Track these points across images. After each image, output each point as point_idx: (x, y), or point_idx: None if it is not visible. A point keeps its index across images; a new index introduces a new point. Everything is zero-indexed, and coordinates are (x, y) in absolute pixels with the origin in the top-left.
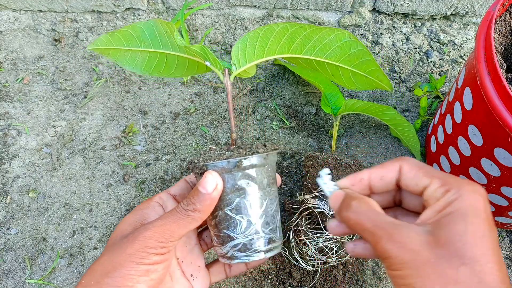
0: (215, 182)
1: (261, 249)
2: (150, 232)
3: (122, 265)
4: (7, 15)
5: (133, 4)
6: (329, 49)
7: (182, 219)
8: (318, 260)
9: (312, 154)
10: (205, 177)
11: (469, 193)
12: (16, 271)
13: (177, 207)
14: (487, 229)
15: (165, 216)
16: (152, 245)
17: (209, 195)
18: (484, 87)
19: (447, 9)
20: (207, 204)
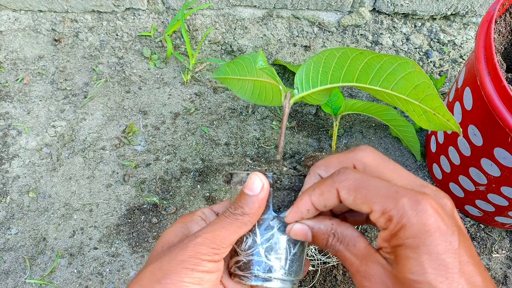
0: (261, 182)
1: (259, 275)
2: (201, 239)
3: (174, 272)
4: (7, 15)
5: (133, 4)
6: (394, 80)
7: (231, 224)
8: (318, 260)
9: (312, 154)
10: (250, 178)
11: (412, 217)
12: (16, 271)
13: (224, 213)
14: (443, 252)
15: (214, 222)
16: (204, 251)
17: (256, 197)
18: (484, 87)
19: (447, 9)
20: (255, 206)
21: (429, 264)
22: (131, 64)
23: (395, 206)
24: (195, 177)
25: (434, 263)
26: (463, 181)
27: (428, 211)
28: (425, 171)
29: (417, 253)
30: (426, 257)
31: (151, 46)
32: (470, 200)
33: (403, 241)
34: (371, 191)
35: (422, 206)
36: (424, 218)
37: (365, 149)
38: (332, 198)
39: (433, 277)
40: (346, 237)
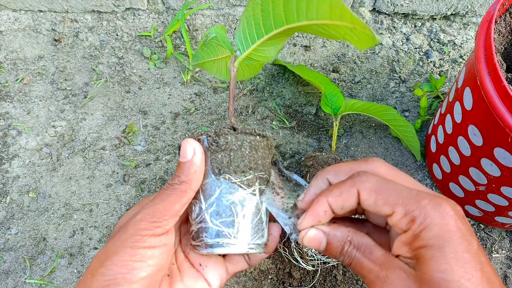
0: (192, 148)
1: (207, 242)
2: (140, 215)
3: (115, 253)
4: (7, 15)
5: (133, 4)
6: (314, 7)
7: (170, 194)
8: (318, 260)
9: (312, 154)
10: (182, 145)
11: (435, 218)
12: (16, 271)
13: (164, 186)
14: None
15: (154, 197)
16: (144, 226)
17: (189, 162)
18: (484, 87)
19: (447, 9)
20: (191, 172)
21: (456, 262)
22: (131, 64)
23: (417, 208)
24: None
25: (460, 262)
26: (463, 181)
27: (449, 212)
28: (425, 171)
29: (443, 252)
30: (453, 256)
31: (151, 46)
32: (470, 200)
33: (427, 241)
34: (393, 193)
35: (443, 208)
36: (447, 219)
37: (378, 160)
38: (351, 200)
39: (461, 275)
40: (363, 245)
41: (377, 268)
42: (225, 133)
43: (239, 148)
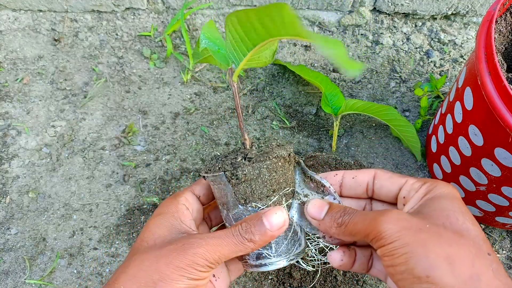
0: (284, 220)
1: (251, 263)
2: (202, 249)
3: (171, 278)
4: (7, 15)
5: (133, 4)
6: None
7: (235, 245)
8: (318, 261)
9: (312, 154)
10: (274, 211)
11: (443, 184)
12: (16, 271)
13: (234, 230)
14: (467, 209)
15: (220, 236)
16: (201, 263)
17: (271, 233)
18: (484, 87)
19: (448, 8)
20: (265, 239)
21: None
22: (131, 64)
23: (428, 179)
24: (195, 177)
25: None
26: (463, 181)
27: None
28: (425, 171)
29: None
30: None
31: (151, 45)
32: (471, 200)
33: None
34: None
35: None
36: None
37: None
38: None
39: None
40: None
41: (374, 213)
42: (241, 165)
43: (258, 176)
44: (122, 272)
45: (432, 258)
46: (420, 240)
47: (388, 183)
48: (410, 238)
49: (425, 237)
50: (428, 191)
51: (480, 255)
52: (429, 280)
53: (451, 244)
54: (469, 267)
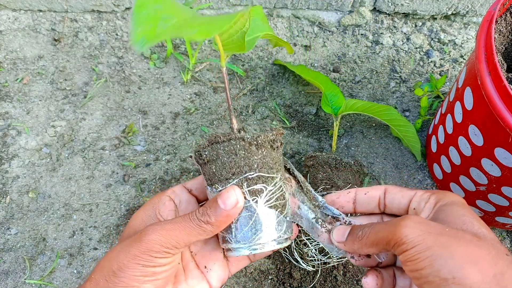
0: (236, 199)
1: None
2: (156, 235)
3: (127, 266)
4: (6, 15)
5: (133, 4)
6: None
7: (193, 228)
8: (318, 261)
9: (312, 154)
10: (227, 191)
11: (452, 194)
12: (16, 271)
13: (191, 214)
14: (478, 217)
15: (177, 220)
16: (157, 249)
17: (226, 212)
18: (484, 87)
19: (448, 8)
20: (222, 220)
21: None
22: (131, 64)
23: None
24: (195, 177)
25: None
26: (463, 181)
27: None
28: (425, 171)
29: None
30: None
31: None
32: (471, 200)
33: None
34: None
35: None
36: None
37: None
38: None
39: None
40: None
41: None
42: (204, 147)
43: (217, 157)
44: (96, 264)
45: (457, 259)
46: (442, 242)
47: (398, 196)
48: (432, 241)
49: (447, 239)
50: (439, 200)
51: (500, 255)
52: (455, 281)
53: (473, 245)
54: (492, 266)
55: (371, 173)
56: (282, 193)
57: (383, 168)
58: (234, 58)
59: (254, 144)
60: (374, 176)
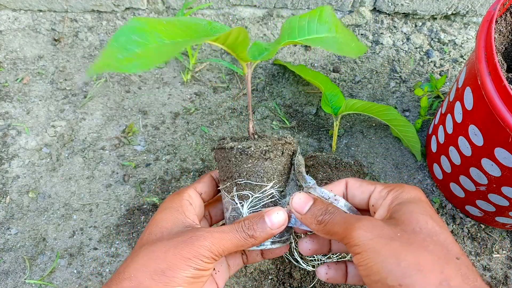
0: (284, 220)
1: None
2: (207, 242)
3: (178, 267)
4: (6, 14)
5: (133, 4)
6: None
7: (238, 239)
8: (318, 261)
9: (312, 154)
10: (275, 211)
11: (410, 189)
12: (16, 271)
13: (237, 226)
14: (434, 212)
15: (224, 230)
16: (206, 255)
17: (271, 231)
18: (484, 87)
19: (448, 8)
20: (266, 237)
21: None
22: None
23: (395, 184)
24: (195, 177)
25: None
26: (463, 181)
27: (421, 191)
28: (425, 171)
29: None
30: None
31: None
32: (471, 200)
33: (404, 199)
34: (373, 181)
35: (417, 189)
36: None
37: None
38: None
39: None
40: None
41: (352, 218)
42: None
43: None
44: (131, 262)
45: (403, 267)
46: (392, 248)
47: (358, 192)
48: (382, 246)
49: (396, 245)
50: (395, 197)
51: (449, 260)
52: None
53: (421, 251)
54: (438, 273)
55: (371, 173)
56: (273, 200)
57: (383, 168)
58: (234, 58)
59: (244, 154)
60: (374, 176)
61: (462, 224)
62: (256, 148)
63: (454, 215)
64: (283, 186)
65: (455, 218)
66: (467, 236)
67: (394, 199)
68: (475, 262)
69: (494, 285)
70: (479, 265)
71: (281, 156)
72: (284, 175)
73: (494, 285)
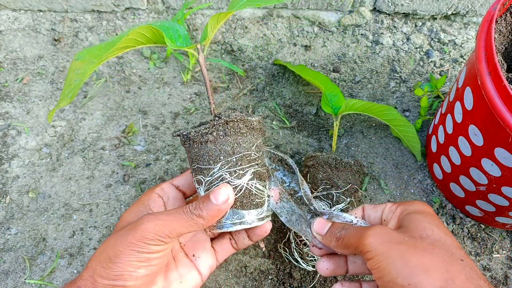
0: (227, 195)
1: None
2: (151, 224)
3: (123, 253)
4: (6, 14)
5: (133, 4)
6: None
7: (185, 220)
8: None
9: (312, 154)
10: (219, 188)
11: (418, 203)
12: (16, 271)
13: (184, 207)
14: (440, 222)
15: (171, 212)
16: (151, 237)
17: (217, 206)
18: (484, 87)
19: (448, 8)
20: (213, 214)
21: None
22: (131, 64)
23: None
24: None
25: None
26: (463, 181)
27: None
28: (425, 171)
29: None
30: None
31: None
32: (471, 200)
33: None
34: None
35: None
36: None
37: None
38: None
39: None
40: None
41: (364, 229)
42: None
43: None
44: (93, 254)
45: (410, 267)
46: (400, 252)
47: (373, 212)
48: (391, 250)
49: (404, 248)
50: (404, 210)
51: (453, 261)
52: (410, 287)
53: (426, 253)
54: (443, 272)
55: (371, 173)
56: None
57: (383, 168)
58: (234, 58)
59: (188, 139)
60: (374, 176)
61: (462, 224)
62: (196, 132)
63: (454, 215)
64: (239, 165)
65: (455, 218)
66: (467, 236)
67: (403, 211)
68: (475, 262)
69: (494, 285)
70: (479, 265)
71: (224, 136)
72: (236, 154)
73: (494, 285)
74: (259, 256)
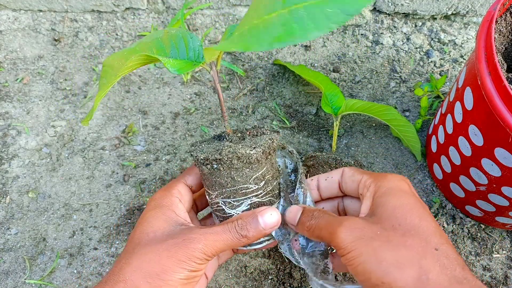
0: (277, 221)
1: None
2: (200, 245)
3: (173, 270)
4: (6, 14)
5: (133, 4)
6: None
7: (231, 240)
8: None
9: (312, 154)
10: (269, 212)
11: (393, 178)
12: (16, 271)
13: (231, 227)
14: (416, 202)
15: (217, 231)
16: (200, 257)
17: (264, 232)
18: (484, 87)
19: (448, 8)
20: (258, 236)
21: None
22: None
23: (381, 174)
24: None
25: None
26: (463, 181)
27: (404, 180)
28: (425, 171)
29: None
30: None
31: None
32: (471, 200)
33: (384, 190)
34: (367, 171)
35: (401, 177)
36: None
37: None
38: (336, 173)
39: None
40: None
41: (335, 222)
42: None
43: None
44: (125, 264)
45: (384, 265)
46: (373, 248)
47: (350, 181)
48: (363, 247)
49: (377, 245)
50: (377, 188)
51: (427, 253)
52: (384, 286)
53: (399, 248)
54: (417, 269)
55: None
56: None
57: (383, 168)
58: (234, 58)
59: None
60: None
61: (462, 224)
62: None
63: (454, 215)
64: (232, 197)
65: (455, 218)
66: (467, 236)
67: (377, 189)
68: (475, 262)
69: (494, 285)
70: (479, 265)
71: (218, 170)
72: (230, 187)
73: (494, 285)
74: (259, 256)
